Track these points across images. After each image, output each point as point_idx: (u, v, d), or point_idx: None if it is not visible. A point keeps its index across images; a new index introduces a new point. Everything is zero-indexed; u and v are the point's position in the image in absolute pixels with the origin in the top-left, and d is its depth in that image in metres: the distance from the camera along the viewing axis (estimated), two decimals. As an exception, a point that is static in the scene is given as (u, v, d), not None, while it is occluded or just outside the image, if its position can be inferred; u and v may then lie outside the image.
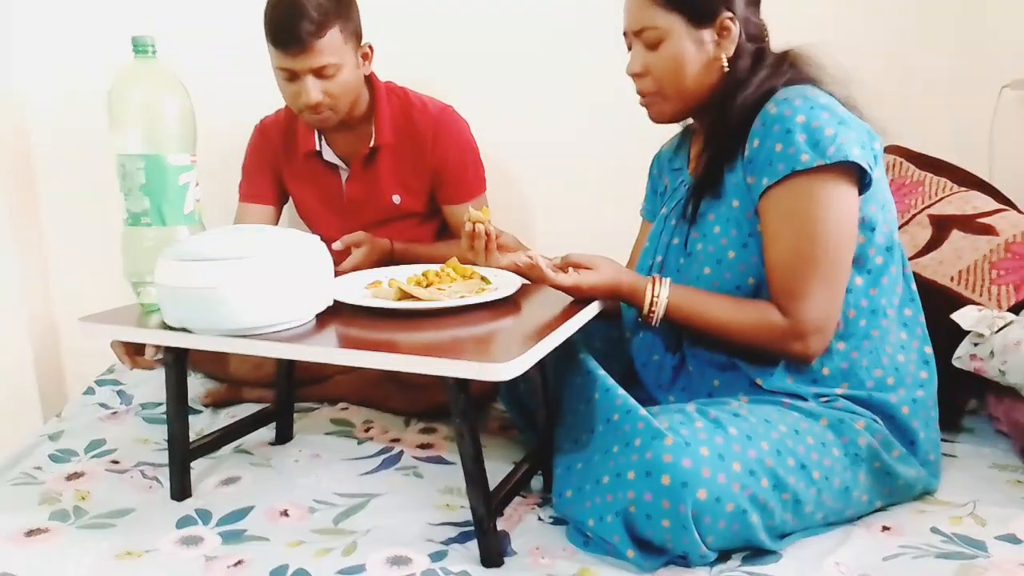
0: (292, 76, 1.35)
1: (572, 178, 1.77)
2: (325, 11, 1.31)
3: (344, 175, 1.53)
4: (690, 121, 1.18)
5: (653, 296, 1.02)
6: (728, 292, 1.03)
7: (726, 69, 1.05)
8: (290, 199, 1.61)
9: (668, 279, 1.04)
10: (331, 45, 1.32)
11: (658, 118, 1.12)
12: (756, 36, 1.08)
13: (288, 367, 1.26)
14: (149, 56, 1.01)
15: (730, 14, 1.04)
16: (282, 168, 1.55)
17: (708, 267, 1.05)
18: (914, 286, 1.08)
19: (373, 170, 1.51)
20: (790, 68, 1.05)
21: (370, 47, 1.43)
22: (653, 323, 1.03)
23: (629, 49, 1.10)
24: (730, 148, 1.04)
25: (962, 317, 1.18)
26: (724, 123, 1.05)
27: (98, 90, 1.06)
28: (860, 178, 0.98)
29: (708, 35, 1.04)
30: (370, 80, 1.48)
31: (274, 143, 1.54)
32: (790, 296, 0.98)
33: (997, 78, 1.61)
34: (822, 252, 0.96)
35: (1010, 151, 1.63)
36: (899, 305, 1.06)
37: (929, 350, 1.07)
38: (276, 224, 1.61)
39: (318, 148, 1.50)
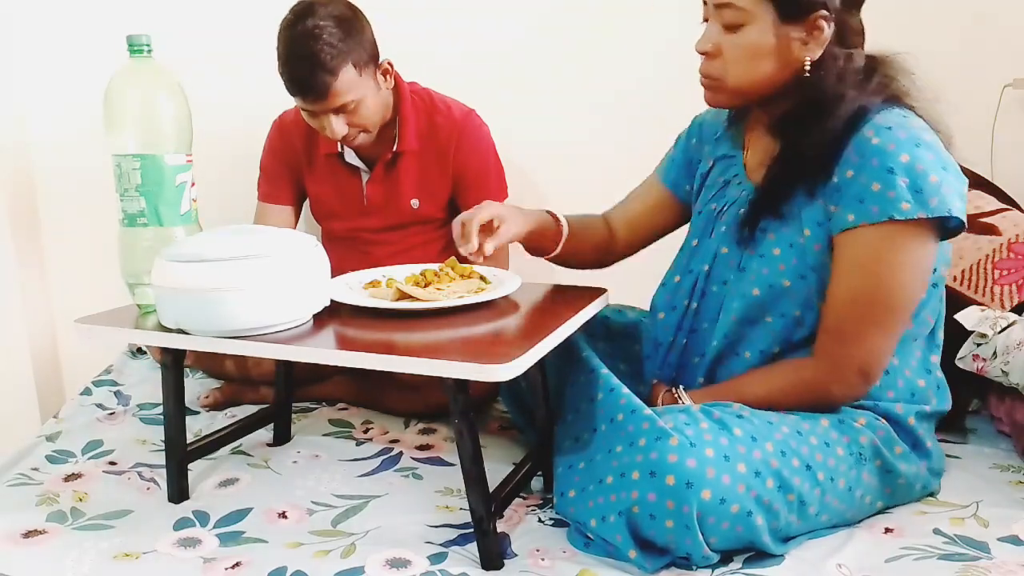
0: (313, 114, 1.36)
1: (592, 180, 1.75)
2: (337, 53, 1.29)
3: (365, 177, 1.52)
4: None
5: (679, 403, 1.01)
6: (771, 316, 0.99)
7: (807, 73, 0.96)
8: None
9: (687, 397, 1.02)
10: (347, 84, 1.31)
11: (713, 103, 1.04)
12: (849, 40, 0.97)
13: (286, 368, 1.25)
14: (145, 55, 1.01)
15: (825, 13, 0.93)
16: (302, 168, 1.54)
17: (758, 289, 1.00)
18: (943, 311, 1.05)
19: (394, 174, 1.50)
20: (880, 81, 0.97)
21: (389, 63, 1.42)
22: None
23: (705, 20, 1.00)
24: (814, 174, 0.96)
25: (965, 317, 1.18)
26: (809, 145, 0.95)
27: (95, 90, 1.05)
28: (951, 226, 0.93)
29: (795, 32, 0.94)
30: (395, 84, 1.46)
31: (293, 142, 1.53)
32: (840, 339, 0.94)
33: (999, 77, 1.60)
34: (890, 303, 0.93)
35: (1012, 150, 1.62)
36: (928, 335, 1.03)
37: (941, 375, 1.05)
38: (295, 223, 1.61)
39: (340, 150, 1.49)
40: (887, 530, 0.96)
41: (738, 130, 1.12)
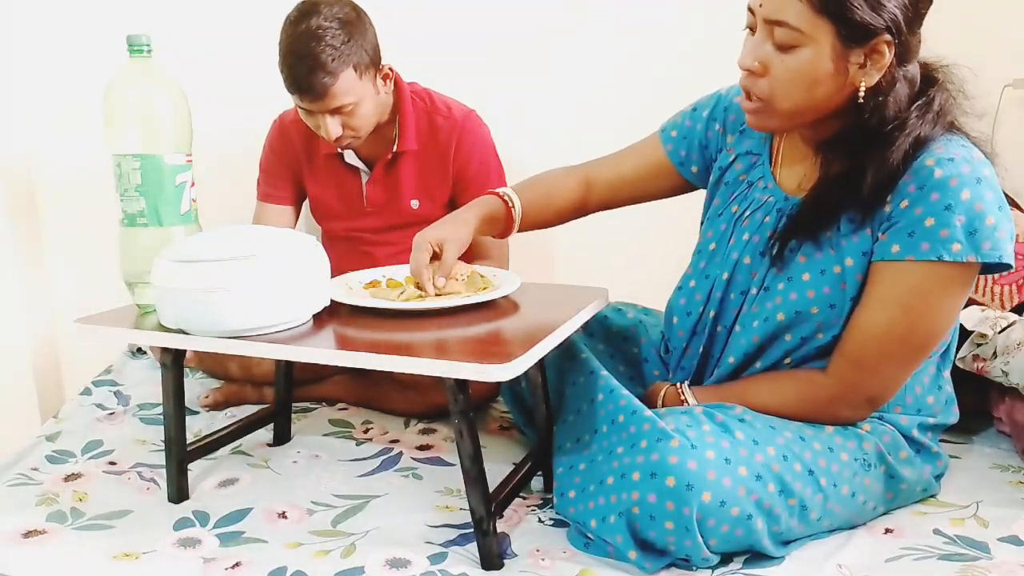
0: (310, 113, 1.36)
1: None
2: (339, 55, 1.28)
3: (365, 178, 1.52)
4: None
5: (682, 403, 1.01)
6: (791, 335, 0.96)
7: (860, 100, 0.89)
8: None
9: (692, 395, 1.02)
10: (346, 87, 1.31)
11: (759, 127, 0.96)
12: (908, 59, 0.90)
13: (286, 368, 1.25)
14: (144, 55, 1.01)
15: (889, 38, 0.85)
16: (302, 168, 1.54)
17: (783, 314, 0.96)
18: (958, 327, 1.03)
19: (394, 174, 1.50)
20: (940, 105, 0.91)
21: (390, 68, 1.42)
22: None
23: (749, 29, 0.92)
24: (868, 203, 0.90)
25: (965, 318, 1.18)
26: (868, 173, 0.89)
27: (95, 90, 1.05)
28: (993, 264, 0.89)
29: (855, 56, 0.86)
30: (395, 85, 1.46)
31: (294, 142, 1.53)
32: (858, 367, 0.93)
33: (999, 77, 1.60)
34: (921, 343, 0.92)
35: (1012, 150, 1.61)
36: (943, 352, 1.02)
37: (950, 389, 1.04)
38: (295, 223, 1.61)
39: (340, 150, 1.50)
40: (887, 530, 0.96)
41: (768, 135, 1.06)
